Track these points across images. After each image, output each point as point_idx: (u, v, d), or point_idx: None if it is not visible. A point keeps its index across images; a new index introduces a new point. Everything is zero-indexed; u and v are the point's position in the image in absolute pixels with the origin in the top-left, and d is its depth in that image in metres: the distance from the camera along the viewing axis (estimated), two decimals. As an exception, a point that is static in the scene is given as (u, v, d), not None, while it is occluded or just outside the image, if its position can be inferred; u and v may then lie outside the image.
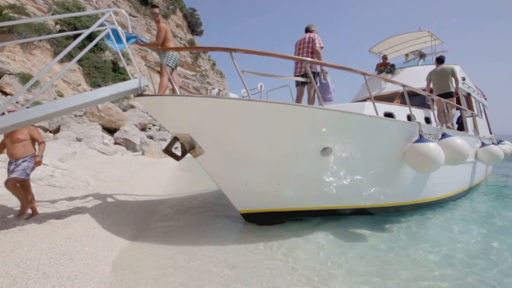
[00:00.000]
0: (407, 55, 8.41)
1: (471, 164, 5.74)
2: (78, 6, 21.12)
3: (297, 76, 4.23)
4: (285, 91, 4.77)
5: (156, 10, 4.02)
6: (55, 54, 17.02)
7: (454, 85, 5.12)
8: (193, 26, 42.64)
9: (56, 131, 11.03)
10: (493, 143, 6.38)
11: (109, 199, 4.08)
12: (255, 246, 2.91)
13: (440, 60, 5.37)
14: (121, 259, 2.52)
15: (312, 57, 4.00)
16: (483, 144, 5.66)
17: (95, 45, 20.06)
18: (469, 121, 6.01)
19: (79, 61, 18.72)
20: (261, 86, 4.75)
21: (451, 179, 4.96)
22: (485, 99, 8.62)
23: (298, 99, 4.42)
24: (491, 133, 8.26)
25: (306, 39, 4.23)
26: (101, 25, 3.07)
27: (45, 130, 11.00)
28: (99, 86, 16.78)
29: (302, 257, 2.67)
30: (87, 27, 2.75)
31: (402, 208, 4.27)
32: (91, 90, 2.67)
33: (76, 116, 12.54)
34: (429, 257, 2.74)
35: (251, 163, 3.27)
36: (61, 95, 14.56)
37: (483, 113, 7.96)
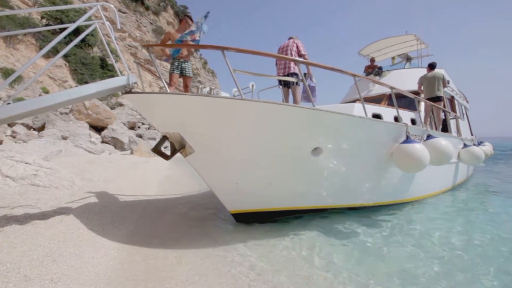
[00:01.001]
0: (393, 58, 8.64)
1: (454, 164, 5.93)
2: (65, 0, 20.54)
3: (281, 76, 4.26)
4: (276, 91, 4.81)
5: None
6: (40, 49, 16.47)
7: (443, 90, 5.37)
8: (185, 24, 42.21)
9: (41, 128, 10.68)
10: (474, 145, 6.62)
11: (95, 199, 3.98)
12: (244, 245, 2.90)
13: (432, 66, 5.68)
14: (107, 260, 2.45)
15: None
16: (465, 145, 5.87)
17: (83, 41, 19.71)
18: (452, 123, 6.22)
19: (65, 57, 18.22)
20: (252, 86, 4.75)
21: (435, 178, 5.13)
22: (467, 102, 8.93)
23: (285, 100, 4.46)
24: (472, 134, 8.58)
25: (290, 44, 4.30)
26: (89, 19, 2.99)
27: (29, 127, 10.64)
28: (86, 83, 16.35)
29: (288, 255, 2.68)
30: (75, 22, 2.67)
31: (390, 207, 4.37)
32: (76, 86, 2.59)
33: (62, 113, 12.18)
34: (416, 251, 2.83)
35: (242, 163, 3.26)
36: (46, 92, 14.12)
37: (465, 116, 8.25)
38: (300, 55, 4.22)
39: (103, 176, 5.60)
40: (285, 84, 4.36)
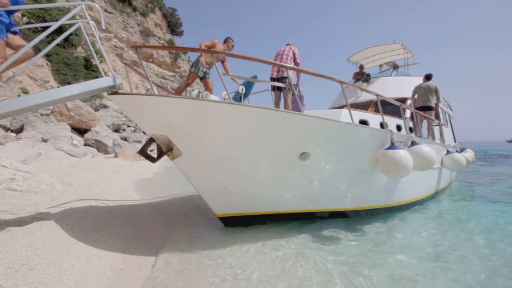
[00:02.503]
0: (381, 65, 8.92)
1: (437, 170, 6.14)
2: (47, -3, 19.88)
3: (273, 79, 4.33)
4: (266, 96, 4.86)
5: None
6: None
7: (435, 101, 5.81)
8: (173, 26, 41.82)
9: (19, 130, 10.20)
10: (456, 151, 6.88)
11: (76, 205, 3.82)
12: (230, 249, 2.87)
13: (428, 77, 6.03)
14: (88, 268, 2.35)
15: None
16: (448, 152, 6.08)
17: (67, 40, 19.11)
18: (436, 130, 6.45)
19: (47, 57, 17.59)
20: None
21: (419, 184, 5.28)
22: (451, 109, 9.32)
23: (276, 104, 4.50)
24: (455, 141, 8.93)
25: (287, 49, 4.40)
26: (73, 18, 2.90)
27: (6, 129, 10.13)
28: (69, 83, 15.82)
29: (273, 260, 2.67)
30: (58, 21, 2.58)
31: (375, 211, 4.45)
32: (58, 87, 2.49)
33: (42, 115, 11.69)
34: (400, 257, 2.88)
35: (230, 167, 3.24)
36: (26, 92, 13.54)
37: (448, 123, 8.59)
38: (295, 63, 4.35)
39: (85, 180, 5.40)
40: (279, 88, 4.42)
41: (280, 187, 3.58)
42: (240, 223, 3.59)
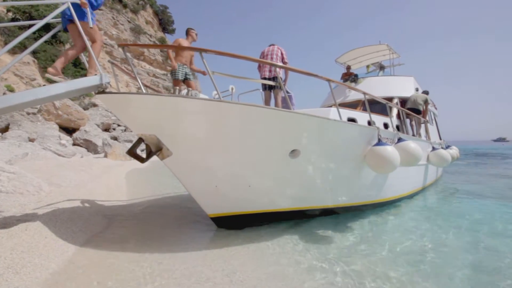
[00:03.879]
0: (368, 66, 9.12)
1: (424, 166, 6.29)
2: (34, -7, 19.34)
3: (263, 78, 4.35)
4: (256, 95, 4.86)
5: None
6: (6, 44, 15.39)
7: (423, 107, 6.61)
8: (165, 24, 41.28)
9: (5, 130, 9.91)
10: (442, 148, 7.08)
11: (64, 206, 3.75)
12: (221, 251, 2.87)
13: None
14: (75, 269, 2.32)
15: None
16: (433, 149, 6.25)
17: (54, 37, 18.59)
18: (421, 128, 6.64)
19: (34, 54, 17.12)
20: (232, 89, 4.75)
21: (406, 180, 5.41)
22: (436, 108, 9.56)
23: (266, 103, 4.52)
24: (440, 139, 9.18)
25: (275, 49, 4.43)
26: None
27: (-10, 128, 9.83)
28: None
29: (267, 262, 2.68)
30: (45, 17, 2.52)
31: (364, 207, 4.53)
32: (44, 86, 2.44)
33: (29, 113, 11.39)
34: (388, 253, 2.94)
35: (221, 166, 3.23)
36: (11, 90, 13.15)
37: (434, 121, 8.82)
38: (283, 62, 4.40)
39: (73, 180, 5.30)
40: (269, 88, 4.44)
41: (271, 185, 3.59)
42: (232, 223, 3.58)
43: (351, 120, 4.36)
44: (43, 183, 4.61)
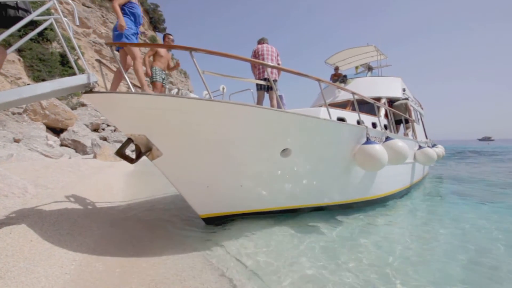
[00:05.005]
0: (357, 67, 9.30)
1: (411, 164, 6.45)
2: (19, -10, 18.73)
3: (261, 79, 4.35)
4: (247, 95, 4.88)
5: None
6: (-12, 42, 14.84)
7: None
8: (155, 23, 40.76)
9: (-12, 130, 9.59)
10: (428, 147, 7.28)
11: (51, 208, 3.66)
12: (213, 250, 2.86)
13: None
14: (63, 274, 2.27)
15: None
16: (420, 147, 6.41)
17: (41, 35, 18.09)
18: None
19: (19, 52, 16.62)
20: (223, 88, 4.74)
21: (395, 178, 5.54)
22: (422, 108, 9.81)
23: (259, 103, 4.52)
24: (427, 137, 9.42)
25: (270, 49, 4.42)
26: (49, 13, 2.76)
27: (-27, 128, 9.49)
28: (44, 80, 15.03)
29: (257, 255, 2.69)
30: (31, 14, 2.45)
31: (355, 204, 4.61)
32: (29, 84, 2.37)
33: (14, 113, 11.05)
34: (377, 249, 2.99)
35: (212, 166, 3.22)
36: (-5, 89, 12.73)
37: (420, 120, 9.05)
38: (278, 63, 4.44)
39: (61, 182, 5.17)
40: (264, 88, 4.43)
41: (263, 185, 3.61)
42: (224, 223, 3.58)
43: (341, 119, 4.43)
44: (29, 185, 4.47)
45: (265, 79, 4.29)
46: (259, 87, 4.49)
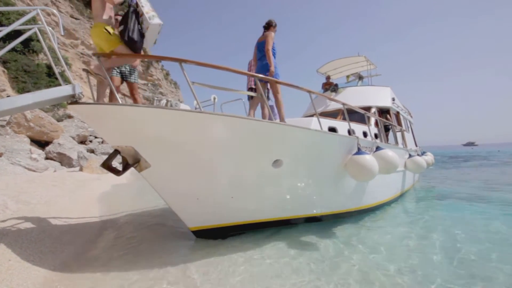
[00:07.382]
0: (348, 76, 9.52)
1: (401, 173, 6.52)
2: (6, 1, 18.51)
3: (250, 88, 4.35)
4: (238, 104, 4.87)
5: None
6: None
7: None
8: (145, 34, 40.81)
9: (-33, 144, 9.19)
10: (418, 155, 7.41)
11: (32, 224, 3.48)
12: (200, 264, 2.77)
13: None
14: (42, 295, 2.13)
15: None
16: (410, 156, 6.51)
17: (27, 47, 17.77)
18: (398, 136, 6.93)
19: (4, 64, 16.24)
20: (214, 98, 4.72)
21: (386, 187, 5.56)
22: (411, 116, 10.05)
23: (251, 112, 4.50)
24: (416, 145, 9.62)
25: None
26: (35, 23, 2.70)
27: (-49, 142, 9.07)
28: (29, 92, 14.63)
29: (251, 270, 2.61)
30: (12, 24, 2.39)
31: (347, 214, 4.59)
32: (8, 96, 2.29)
33: (-4, 126, 10.67)
34: (371, 258, 2.96)
35: (202, 177, 3.15)
36: (-24, 102, 12.30)
37: (410, 129, 9.26)
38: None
39: (44, 197, 4.96)
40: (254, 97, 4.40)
41: (254, 196, 3.55)
42: (215, 235, 3.48)
43: (332, 129, 4.45)
44: (10, 200, 4.27)
45: (254, 89, 4.30)
46: (251, 96, 4.48)
